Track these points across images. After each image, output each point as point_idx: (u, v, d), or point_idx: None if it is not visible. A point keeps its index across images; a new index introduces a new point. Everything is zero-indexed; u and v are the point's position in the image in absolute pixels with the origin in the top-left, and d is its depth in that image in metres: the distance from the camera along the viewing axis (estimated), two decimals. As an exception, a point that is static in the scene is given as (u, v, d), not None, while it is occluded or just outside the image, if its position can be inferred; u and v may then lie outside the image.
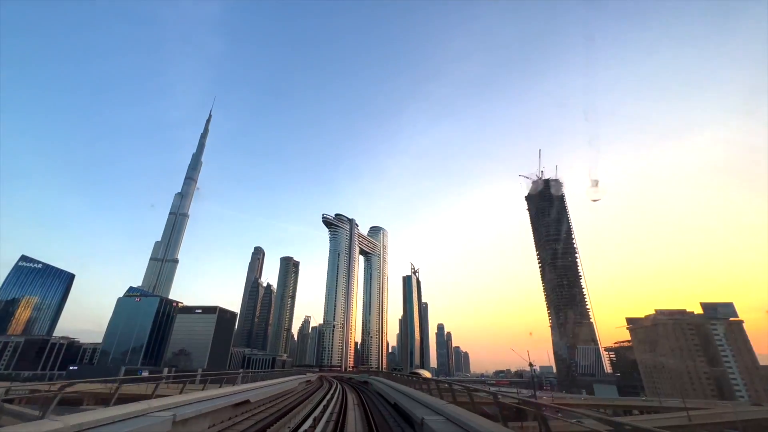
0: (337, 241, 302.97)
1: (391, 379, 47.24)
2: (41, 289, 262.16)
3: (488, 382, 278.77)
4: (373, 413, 23.33)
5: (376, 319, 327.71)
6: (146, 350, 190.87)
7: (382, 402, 32.45)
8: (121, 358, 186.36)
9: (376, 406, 29.82)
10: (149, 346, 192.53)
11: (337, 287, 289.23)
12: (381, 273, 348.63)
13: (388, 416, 22.98)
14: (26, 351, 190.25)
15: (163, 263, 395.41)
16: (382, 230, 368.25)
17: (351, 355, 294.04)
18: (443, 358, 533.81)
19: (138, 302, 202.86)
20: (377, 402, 32.53)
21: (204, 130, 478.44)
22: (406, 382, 35.49)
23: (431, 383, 25.13)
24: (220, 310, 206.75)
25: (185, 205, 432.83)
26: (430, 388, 24.04)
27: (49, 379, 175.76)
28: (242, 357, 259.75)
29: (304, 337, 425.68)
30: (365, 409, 25.27)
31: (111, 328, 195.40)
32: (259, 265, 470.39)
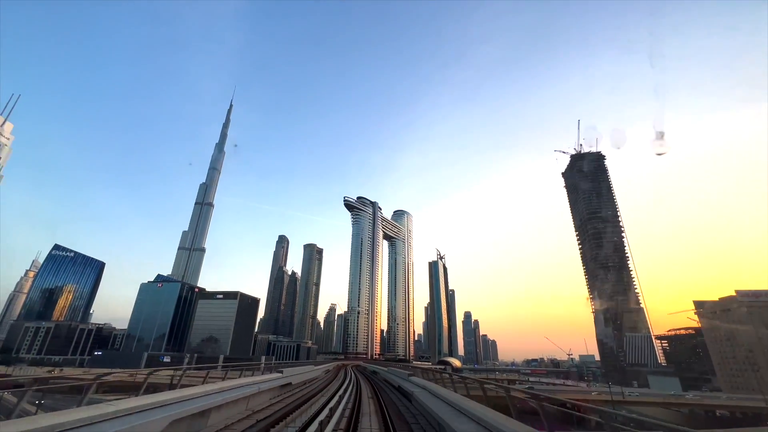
0: (359, 225, 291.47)
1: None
2: (74, 277, 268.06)
3: (522, 371, 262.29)
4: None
5: (402, 306, 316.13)
6: (169, 336, 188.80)
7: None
8: (146, 343, 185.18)
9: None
10: (172, 332, 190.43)
11: (360, 272, 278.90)
12: (406, 258, 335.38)
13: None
14: (57, 336, 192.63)
15: (190, 252, 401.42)
16: (407, 214, 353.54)
17: (377, 342, 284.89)
18: (471, 346, 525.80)
19: (160, 288, 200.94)
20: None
21: (225, 120, 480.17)
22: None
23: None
24: (241, 295, 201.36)
25: (210, 195, 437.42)
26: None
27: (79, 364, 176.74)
28: (267, 344, 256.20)
29: (330, 324, 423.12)
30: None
31: (135, 314, 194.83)
32: (283, 253, 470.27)
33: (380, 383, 40.77)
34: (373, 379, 46.35)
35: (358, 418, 16.17)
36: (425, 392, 19.57)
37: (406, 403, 22.64)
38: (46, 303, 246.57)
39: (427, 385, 21.83)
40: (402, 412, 19.14)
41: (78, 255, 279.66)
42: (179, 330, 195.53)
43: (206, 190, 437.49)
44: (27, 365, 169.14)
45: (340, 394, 23.29)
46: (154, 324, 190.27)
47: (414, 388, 22.84)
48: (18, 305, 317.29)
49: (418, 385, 23.41)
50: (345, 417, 15.85)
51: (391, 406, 21.20)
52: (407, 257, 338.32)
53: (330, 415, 14.47)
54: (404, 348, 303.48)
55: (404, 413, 18.79)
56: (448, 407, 13.75)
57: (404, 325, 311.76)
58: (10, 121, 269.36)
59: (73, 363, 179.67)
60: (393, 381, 36.36)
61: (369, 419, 16.37)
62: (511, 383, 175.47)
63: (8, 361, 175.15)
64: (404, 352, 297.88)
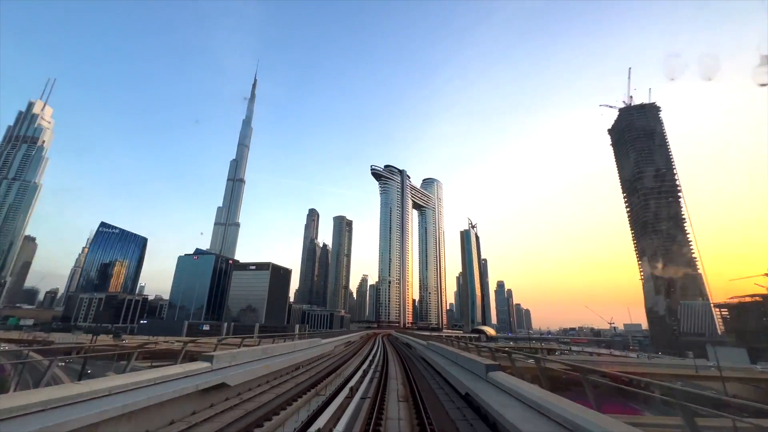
0: (388, 194, 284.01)
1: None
2: (120, 252, 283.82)
3: (562, 340, 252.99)
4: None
5: (433, 275, 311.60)
6: (208, 305, 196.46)
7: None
8: (186, 313, 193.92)
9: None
10: (210, 302, 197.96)
11: (390, 242, 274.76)
12: (437, 227, 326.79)
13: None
14: (108, 306, 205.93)
15: (226, 227, 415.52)
16: (436, 182, 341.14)
17: (409, 311, 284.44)
18: (504, 315, 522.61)
19: (196, 261, 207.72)
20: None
21: (251, 95, 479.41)
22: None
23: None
24: (272, 266, 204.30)
25: (241, 171, 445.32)
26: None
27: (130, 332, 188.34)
28: (301, 313, 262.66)
29: (362, 294, 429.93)
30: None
31: (175, 285, 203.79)
32: (314, 226, 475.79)
33: (420, 371, 24.92)
34: (408, 362, 29.06)
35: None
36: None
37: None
38: (98, 276, 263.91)
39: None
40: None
41: (123, 231, 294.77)
42: (216, 300, 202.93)
43: (237, 166, 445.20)
44: (83, 333, 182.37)
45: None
46: (192, 295, 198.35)
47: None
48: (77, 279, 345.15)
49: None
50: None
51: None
52: (438, 226, 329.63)
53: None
54: (437, 317, 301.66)
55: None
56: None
57: (436, 294, 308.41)
58: (49, 105, 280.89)
59: (124, 330, 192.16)
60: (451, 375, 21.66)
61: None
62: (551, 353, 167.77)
63: (68, 329, 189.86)
64: (437, 321, 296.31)
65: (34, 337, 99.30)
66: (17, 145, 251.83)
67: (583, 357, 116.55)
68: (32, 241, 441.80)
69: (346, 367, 24.91)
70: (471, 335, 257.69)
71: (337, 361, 27.84)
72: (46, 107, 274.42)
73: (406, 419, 10.94)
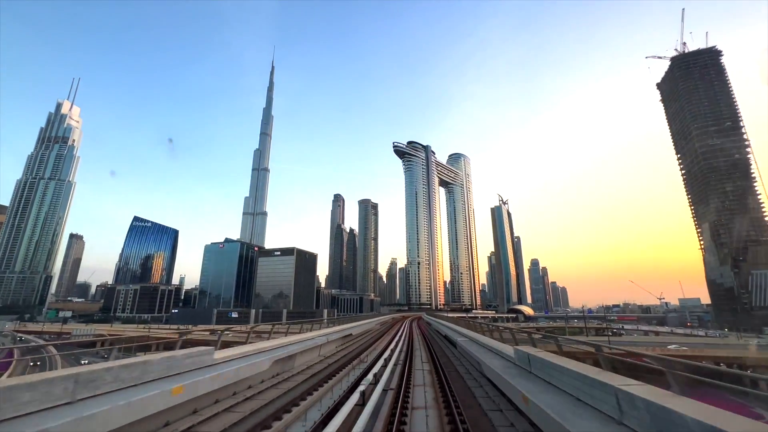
0: (412, 171, 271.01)
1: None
2: (153, 245, 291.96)
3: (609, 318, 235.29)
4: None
5: (464, 255, 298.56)
6: (236, 293, 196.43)
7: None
8: (216, 300, 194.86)
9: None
10: (238, 289, 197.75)
11: (418, 222, 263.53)
12: (466, 204, 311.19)
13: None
14: (144, 297, 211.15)
15: (254, 217, 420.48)
16: (463, 157, 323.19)
17: (441, 293, 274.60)
18: (539, 294, 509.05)
19: (222, 249, 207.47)
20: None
21: (269, 84, 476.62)
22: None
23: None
24: (297, 251, 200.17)
25: (264, 160, 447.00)
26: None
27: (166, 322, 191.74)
28: (331, 297, 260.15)
29: (392, 277, 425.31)
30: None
31: (204, 274, 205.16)
32: (340, 211, 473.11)
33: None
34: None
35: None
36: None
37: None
38: (135, 269, 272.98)
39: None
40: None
41: (155, 225, 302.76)
42: (245, 287, 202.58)
43: (260, 155, 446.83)
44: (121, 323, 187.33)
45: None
46: (221, 282, 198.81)
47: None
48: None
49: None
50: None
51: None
52: (467, 203, 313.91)
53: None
54: (470, 298, 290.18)
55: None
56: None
57: (468, 275, 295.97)
58: (76, 105, 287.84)
59: (160, 320, 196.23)
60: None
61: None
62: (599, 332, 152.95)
63: (107, 319, 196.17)
64: (470, 302, 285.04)
65: (61, 329, 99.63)
66: (50, 145, 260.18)
67: (644, 339, 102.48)
68: (80, 239, 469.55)
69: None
70: (508, 315, 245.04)
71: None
72: (74, 107, 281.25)
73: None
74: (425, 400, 11.18)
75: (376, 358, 18.44)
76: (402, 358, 19.36)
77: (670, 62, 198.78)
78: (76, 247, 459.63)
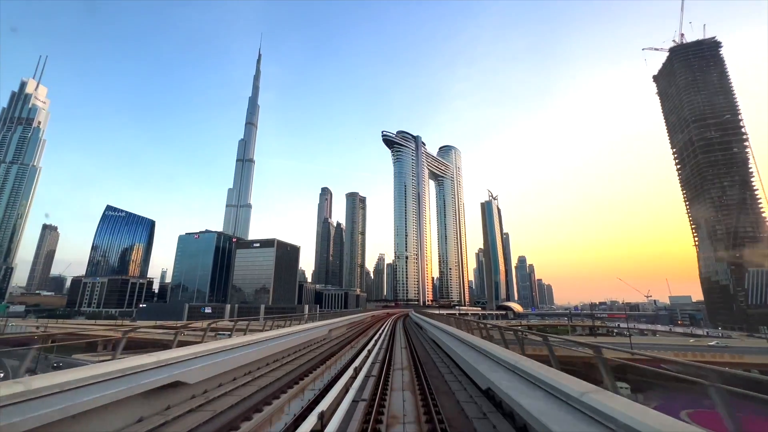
0: (401, 162, 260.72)
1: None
2: (128, 236, 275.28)
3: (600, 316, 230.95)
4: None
5: (454, 250, 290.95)
6: (211, 287, 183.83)
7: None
8: (190, 294, 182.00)
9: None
10: (214, 283, 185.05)
11: (406, 214, 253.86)
12: (456, 198, 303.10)
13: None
14: (112, 290, 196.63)
15: (237, 209, 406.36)
16: (454, 149, 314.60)
17: (428, 289, 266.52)
18: (526, 291, 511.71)
19: (197, 240, 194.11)
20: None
21: (256, 72, 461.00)
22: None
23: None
24: (278, 242, 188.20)
25: (250, 151, 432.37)
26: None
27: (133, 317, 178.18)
28: (315, 293, 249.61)
29: (379, 273, 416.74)
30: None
31: (177, 266, 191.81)
32: (327, 204, 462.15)
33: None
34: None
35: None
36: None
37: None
38: (106, 261, 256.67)
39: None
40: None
41: (129, 214, 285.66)
42: (221, 281, 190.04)
43: (245, 146, 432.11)
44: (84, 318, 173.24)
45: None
46: (195, 276, 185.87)
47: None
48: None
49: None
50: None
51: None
52: (457, 197, 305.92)
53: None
54: (458, 294, 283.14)
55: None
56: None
57: (457, 270, 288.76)
58: (43, 85, 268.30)
59: (130, 315, 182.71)
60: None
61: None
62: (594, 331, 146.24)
63: (69, 314, 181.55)
64: (458, 298, 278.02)
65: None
66: (12, 127, 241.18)
67: (653, 340, 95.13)
68: (54, 230, 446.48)
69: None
70: (497, 312, 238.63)
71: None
72: (40, 87, 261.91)
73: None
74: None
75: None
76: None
77: (669, 53, 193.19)
78: (50, 239, 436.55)
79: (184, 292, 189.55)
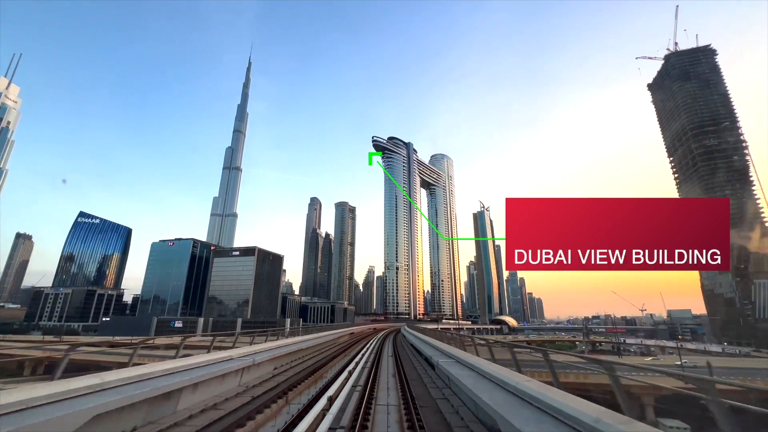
0: (392, 169, 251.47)
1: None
2: (101, 244, 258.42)
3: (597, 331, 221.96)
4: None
5: (446, 261, 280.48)
6: (185, 298, 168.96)
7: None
8: (161, 307, 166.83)
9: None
10: (188, 294, 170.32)
11: (397, 223, 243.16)
12: (448, 207, 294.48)
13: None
14: (76, 303, 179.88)
15: (223, 218, 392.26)
16: (446, 158, 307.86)
17: (420, 302, 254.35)
18: (517, 305, 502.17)
19: (171, 247, 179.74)
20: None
21: (246, 79, 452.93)
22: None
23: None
24: (259, 251, 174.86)
25: (237, 159, 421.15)
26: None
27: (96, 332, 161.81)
28: (300, 306, 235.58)
29: (369, 285, 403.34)
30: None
31: (148, 276, 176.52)
32: (316, 215, 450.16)
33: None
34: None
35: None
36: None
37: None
38: (75, 270, 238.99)
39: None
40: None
41: (104, 222, 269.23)
42: (197, 292, 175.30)
43: (232, 154, 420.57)
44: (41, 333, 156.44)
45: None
46: (168, 286, 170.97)
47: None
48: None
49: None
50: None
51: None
52: (449, 206, 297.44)
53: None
54: (451, 307, 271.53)
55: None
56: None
57: (450, 282, 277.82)
58: (15, 84, 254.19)
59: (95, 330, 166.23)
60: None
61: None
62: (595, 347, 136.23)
63: (24, 329, 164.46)
64: (451, 312, 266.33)
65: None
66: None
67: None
68: (28, 239, 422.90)
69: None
70: (491, 327, 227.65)
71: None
72: (12, 85, 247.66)
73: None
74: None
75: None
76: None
77: (664, 60, 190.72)
78: (23, 248, 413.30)
79: (156, 304, 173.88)
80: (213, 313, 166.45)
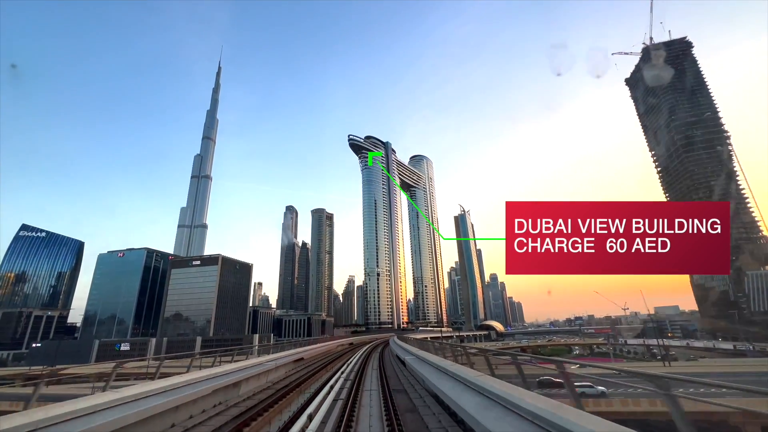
0: (370, 170, 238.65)
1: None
2: (47, 260, 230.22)
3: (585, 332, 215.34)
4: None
5: (429, 266, 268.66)
6: (137, 316, 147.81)
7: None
8: (107, 328, 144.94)
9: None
10: (141, 312, 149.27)
11: (377, 227, 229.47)
12: (429, 210, 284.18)
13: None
14: (5, 327, 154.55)
15: (191, 230, 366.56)
16: (426, 159, 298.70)
17: (404, 310, 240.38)
18: (499, 309, 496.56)
19: (122, 258, 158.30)
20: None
21: (215, 85, 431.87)
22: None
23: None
24: (223, 259, 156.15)
25: (206, 167, 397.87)
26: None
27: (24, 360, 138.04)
28: (274, 319, 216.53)
29: (349, 296, 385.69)
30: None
31: (93, 293, 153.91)
32: (293, 224, 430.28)
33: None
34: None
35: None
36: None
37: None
38: (12, 290, 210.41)
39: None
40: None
41: (51, 235, 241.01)
42: (150, 308, 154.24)
43: (201, 161, 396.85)
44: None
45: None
46: (116, 304, 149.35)
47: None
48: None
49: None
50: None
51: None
52: (431, 209, 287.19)
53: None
54: (435, 314, 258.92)
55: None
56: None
57: (434, 288, 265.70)
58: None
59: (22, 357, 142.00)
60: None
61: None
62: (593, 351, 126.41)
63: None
64: (436, 319, 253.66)
65: None
66: None
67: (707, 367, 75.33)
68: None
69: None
70: (479, 333, 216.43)
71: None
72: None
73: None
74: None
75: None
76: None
77: (642, 53, 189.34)
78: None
79: (101, 325, 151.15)
80: (172, 332, 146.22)
